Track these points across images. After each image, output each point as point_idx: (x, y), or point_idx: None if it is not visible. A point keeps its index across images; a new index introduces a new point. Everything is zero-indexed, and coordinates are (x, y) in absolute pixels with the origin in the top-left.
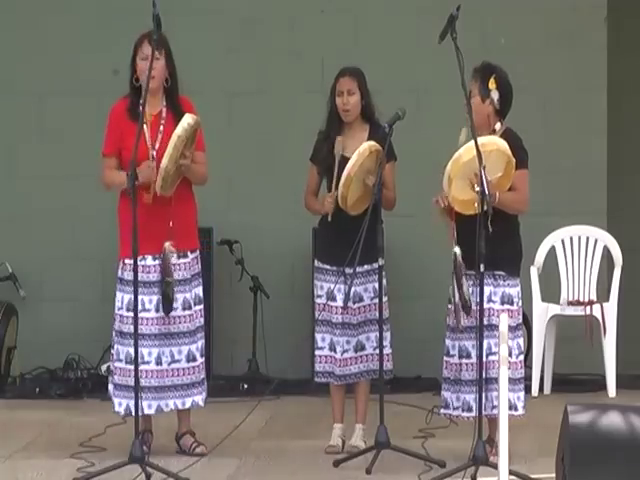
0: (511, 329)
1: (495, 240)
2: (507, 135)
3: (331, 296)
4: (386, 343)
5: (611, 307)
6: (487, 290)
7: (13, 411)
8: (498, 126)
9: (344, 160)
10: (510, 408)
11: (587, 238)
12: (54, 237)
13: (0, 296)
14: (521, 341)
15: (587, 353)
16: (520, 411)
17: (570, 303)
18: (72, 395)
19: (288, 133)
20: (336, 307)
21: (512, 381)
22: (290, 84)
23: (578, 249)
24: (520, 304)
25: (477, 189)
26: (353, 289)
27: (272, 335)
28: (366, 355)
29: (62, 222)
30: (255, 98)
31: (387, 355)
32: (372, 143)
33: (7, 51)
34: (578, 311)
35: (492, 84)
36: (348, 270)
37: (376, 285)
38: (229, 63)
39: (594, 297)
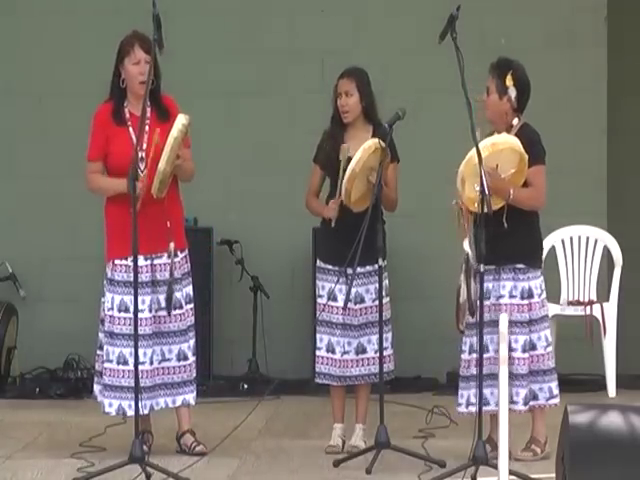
0: (536, 321)
1: (513, 234)
2: (524, 130)
3: (332, 296)
4: (387, 344)
5: (611, 307)
6: (508, 285)
7: (13, 411)
8: (515, 121)
9: (349, 160)
10: (548, 399)
11: (587, 238)
12: (54, 237)
13: (0, 296)
14: (548, 332)
15: (587, 353)
16: (556, 400)
17: (570, 303)
18: (72, 395)
19: (288, 133)
20: (337, 307)
21: (543, 372)
22: (290, 84)
23: (578, 249)
24: (543, 296)
25: (477, 189)
26: (355, 290)
27: (272, 335)
28: (367, 358)
29: (62, 222)
30: (255, 98)
31: (389, 356)
32: (377, 140)
33: (7, 51)
34: (578, 311)
35: (509, 81)
36: (349, 270)
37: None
38: (229, 63)
39: (594, 297)
